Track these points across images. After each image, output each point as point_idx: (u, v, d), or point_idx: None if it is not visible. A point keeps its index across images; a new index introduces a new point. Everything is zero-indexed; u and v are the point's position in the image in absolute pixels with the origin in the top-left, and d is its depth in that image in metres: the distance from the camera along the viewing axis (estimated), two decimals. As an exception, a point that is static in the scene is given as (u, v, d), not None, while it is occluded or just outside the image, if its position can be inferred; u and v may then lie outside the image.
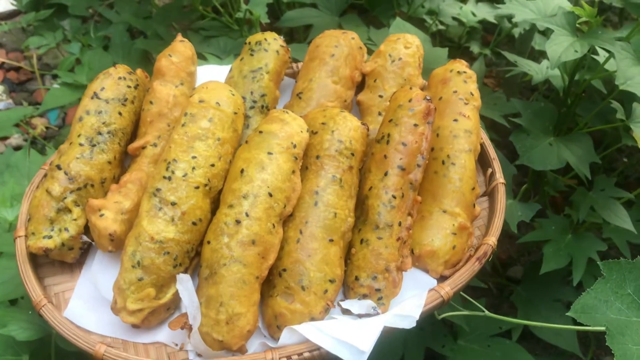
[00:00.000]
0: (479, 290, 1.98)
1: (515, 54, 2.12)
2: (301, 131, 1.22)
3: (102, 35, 2.50)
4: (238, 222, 1.10)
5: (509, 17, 2.27)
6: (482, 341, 1.64)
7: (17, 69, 2.70)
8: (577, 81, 1.79)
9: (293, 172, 1.17)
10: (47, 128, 2.48)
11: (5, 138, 2.43)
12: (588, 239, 1.71)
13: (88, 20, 2.63)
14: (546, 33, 2.17)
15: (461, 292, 1.37)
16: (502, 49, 2.27)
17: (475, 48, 2.34)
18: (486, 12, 2.30)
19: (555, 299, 1.79)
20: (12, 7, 2.81)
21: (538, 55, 2.26)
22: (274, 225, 1.13)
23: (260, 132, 1.20)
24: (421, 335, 1.62)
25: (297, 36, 2.49)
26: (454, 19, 2.33)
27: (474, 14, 2.29)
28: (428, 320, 1.62)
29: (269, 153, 1.16)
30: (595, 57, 1.72)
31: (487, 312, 1.29)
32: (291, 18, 2.25)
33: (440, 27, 2.38)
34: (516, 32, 2.30)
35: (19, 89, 2.66)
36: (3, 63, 2.70)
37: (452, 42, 2.49)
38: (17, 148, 2.36)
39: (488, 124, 2.19)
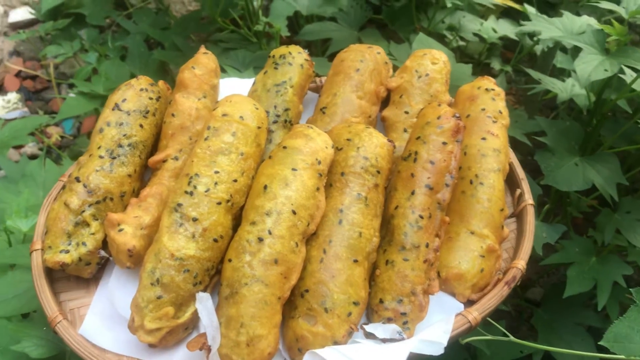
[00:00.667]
0: (497, 312, 1.94)
1: (536, 71, 2.08)
2: (326, 147, 1.19)
3: (120, 46, 2.48)
4: (260, 240, 1.07)
5: (532, 35, 2.24)
6: (503, 366, 1.60)
7: (34, 78, 2.70)
8: (603, 100, 1.76)
9: (317, 189, 1.14)
10: (62, 137, 2.46)
11: (20, 147, 2.42)
12: (613, 262, 1.67)
13: (105, 30, 2.63)
14: (569, 51, 2.14)
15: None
16: (522, 67, 2.24)
17: (496, 65, 2.31)
18: (507, 29, 2.28)
19: (577, 322, 1.75)
20: (30, 16, 2.81)
21: (559, 73, 2.23)
22: (297, 244, 1.09)
23: (284, 147, 1.17)
24: (441, 358, 1.57)
25: (315, 50, 2.47)
26: (475, 35, 2.31)
27: (494, 30, 2.27)
28: (448, 342, 1.58)
29: (293, 169, 1.13)
30: (621, 76, 1.68)
31: (512, 338, 1.25)
32: (310, 31, 2.24)
33: (460, 43, 2.35)
34: (538, 49, 2.27)
35: (35, 98, 2.65)
36: (20, 71, 2.70)
37: (471, 58, 2.47)
38: (32, 157, 2.35)
39: (509, 142, 2.15)
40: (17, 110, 2.54)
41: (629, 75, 1.65)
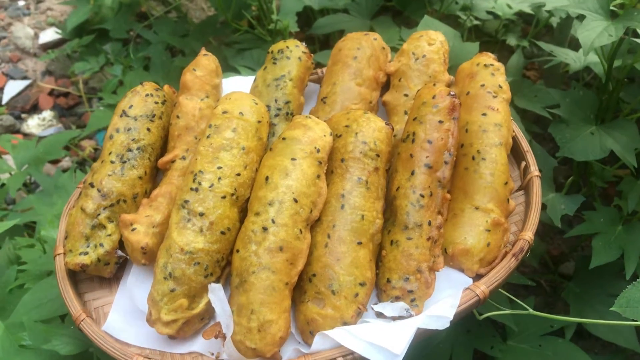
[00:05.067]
0: (530, 288, 1.92)
1: (554, 43, 2.05)
2: (324, 135, 1.21)
3: (142, 56, 2.56)
4: (265, 229, 1.11)
5: (542, 6, 2.20)
6: (533, 341, 1.58)
7: (66, 95, 2.81)
8: (619, 67, 1.72)
9: (318, 176, 1.17)
10: (95, 150, 2.56)
11: (57, 162, 2.53)
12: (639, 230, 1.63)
13: (128, 43, 2.71)
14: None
15: (504, 292, 1.33)
16: (542, 40, 2.20)
17: (512, 40, 2.29)
18: (521, 3, 2.24)
19: (610, 294, 1.71)
20: (57, 37, 2.93)
21: (578, 44, 2.19)
22: (301, 230, 1.13)
23: (284, 138, 1.21)
24: (469, 337, 1.58)
25: (333, 43, 2.48)
26: (489, 12, 2.28)
27: (509, 7, 2.24)
28: (475, 321, 1.58)
29: (293, 159, 1.16)
30: (637, 40, 1.64)
31: (531, 310, 1.25)
32: (323, 25, 2.26)
33: (476, 22, 2.33)
34: (554, 21, 2.23)
35: (68, 114, 2.76)
36: (53, 90, 2.81)
37: (489, 36, 2.44)
38: (66, 171, 2.44)
39: (531, 117, 2.13)
40: (52, 127, 2.66)
41: (643, 39, 1.61)
